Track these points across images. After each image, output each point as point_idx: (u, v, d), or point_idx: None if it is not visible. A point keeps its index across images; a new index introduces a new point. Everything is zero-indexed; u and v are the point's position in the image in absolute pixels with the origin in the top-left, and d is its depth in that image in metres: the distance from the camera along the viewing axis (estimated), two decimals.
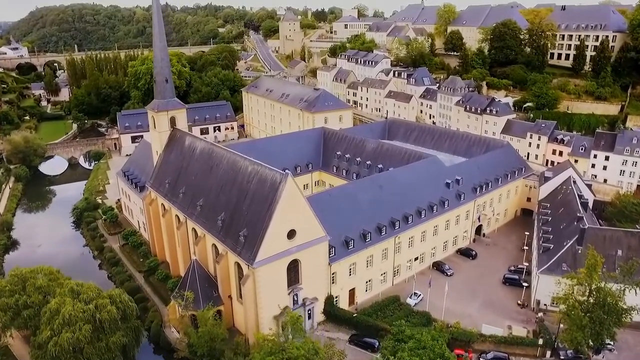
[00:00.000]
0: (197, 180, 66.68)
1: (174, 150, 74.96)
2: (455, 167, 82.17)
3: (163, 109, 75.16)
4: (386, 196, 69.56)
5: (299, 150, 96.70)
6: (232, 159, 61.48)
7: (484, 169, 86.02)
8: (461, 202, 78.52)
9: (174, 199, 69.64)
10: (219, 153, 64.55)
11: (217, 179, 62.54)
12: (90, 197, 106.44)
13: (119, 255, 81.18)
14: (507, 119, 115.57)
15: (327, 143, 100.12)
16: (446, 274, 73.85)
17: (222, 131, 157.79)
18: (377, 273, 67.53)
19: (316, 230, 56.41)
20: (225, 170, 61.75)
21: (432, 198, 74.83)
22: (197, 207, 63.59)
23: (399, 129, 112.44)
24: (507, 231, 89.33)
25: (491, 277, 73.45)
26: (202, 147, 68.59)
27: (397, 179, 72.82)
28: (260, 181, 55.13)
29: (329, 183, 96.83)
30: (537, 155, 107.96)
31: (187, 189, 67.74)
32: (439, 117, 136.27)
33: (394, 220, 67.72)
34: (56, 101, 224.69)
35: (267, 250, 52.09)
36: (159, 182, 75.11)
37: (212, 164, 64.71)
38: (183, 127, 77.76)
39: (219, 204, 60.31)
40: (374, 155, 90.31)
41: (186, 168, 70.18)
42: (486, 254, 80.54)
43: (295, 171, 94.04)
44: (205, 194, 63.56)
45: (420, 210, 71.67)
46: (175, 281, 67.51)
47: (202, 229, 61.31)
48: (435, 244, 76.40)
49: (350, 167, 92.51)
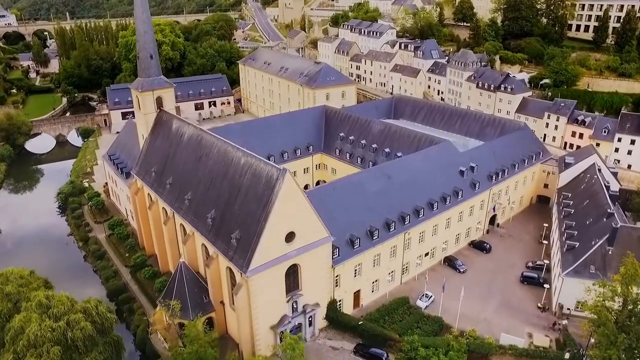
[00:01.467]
0: (185, 170, 59.87)
1: (160, 134, 67.77)
2: (470, 153, 75.12)
3: (148, 88, 67.51)
4: (395, 187, 62.90)
5: (298, 131, 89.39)
6: (223, 148, 54.46)
7: (500, 154, 78.98)
8: (476, 191, 71.87)
9: (160, 190, 63.00)
10: (209, 141, 57.47)
11: (206, 171, 55.72)
12: (76, 181, 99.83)
13: (104, 248, 75.24)
14: (523, 97, 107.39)
15: (329, 123, 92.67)
16: (459, 270, 68.00)
17: (218, 106, 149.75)
18: (385, 272, 61.65)
19: (318, 231, 50.06)
20: (216, 161, 54.85)
21: (445, 188, 68.17)
22: (185, 201, 57.04)
23: (406, 107, 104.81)
24: (522, 220, 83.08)
25: (507, 274, 67.62)
26: (191, 133, 61.44)
27: (407, 168, 65.95)
28: (254, 176, 48.32)
29: (331, 167, 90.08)
30: (554, 137, 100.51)
31: (175, 179, 61.02)
32: (448, 94, 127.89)
33: (404, 214, 61.29)
34: (45, 73, 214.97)
35: (263, 256, 45.86)
36: (144, 170, 68.27)
37: (201, 153, 57.73)
38: (171, 108, 70.29)
39: (209, 199, 53.72)
40: (380, 138, 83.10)
41: (173, 156, 63.24)
42: (501, 247, 74.53)
43: (295, 154, 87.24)
44: (193, 186, 56.87)
45: (432, 202, 65.14)
46: (163, 281, 61.70)
47: (191, 226, 54.94)
48: (447, 237, 70.26)
49: (355, 150, 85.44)
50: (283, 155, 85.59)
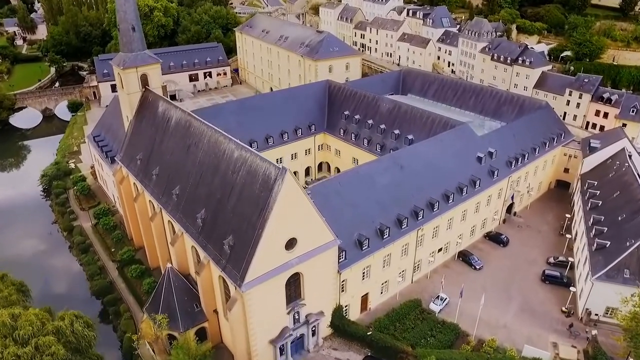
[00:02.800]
0: (172, 160, 53.32)
1: (145, 117, 60.79)
2: (488, 137, 68.24)
3: (131, 65, 60.07)
4: (408, 179, 56.52)
5: (299, 108, 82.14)
6: (214, 138, 47.69)
7: (521, 137, 72.12)
8: (494, 179, 65.48)
9: (146, 181, 56.64)
10: (198, 128, 50.59)
11: (195, 163, 49.16)
12: (61, 161, 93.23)
13: (89, 240, 69.54)
14: (542, 71, 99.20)
15: (333, 100, 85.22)
16: (474, 267, 62.52)
17: (214, 77, 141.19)
18: (395, 272, 56.15)
19: (323, 235, 44.06)
20: (206, 152, 48.20)
21: (461, 177, 61.79)
22: (172, 196, 50.82)
23: (415, 81, 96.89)
24: (540, 208, 77.08)
25: (527, 271, 62.21)
26: (178, 118, 54.49)
27: (420, 156, 59.34)
28: (249, 174, 41.83)
29: (335, 148, 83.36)
30: (575, 116, 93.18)
31: (161, 170, 54.56)
32: (459, 66, 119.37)
33: (417, 209, 55.18)
34: (33, 40, 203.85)
35: (260, 267, 40.03)
36: (129, 157, 61.70)
37: (190, 142, 51.01)
38: (157, 86, 62.95)
39: (198, 196, 47.45)
40: (389, 118, 75.97)
41: (160, 143, 56.52)
42: (519, 240, 68.84)
43: (295, 134, 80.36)
44: (182, 180, 50.48)
45: (448, 194, 58.90)
46: (151, 282, 56.25)
47: (179, 226, 48.90)
48: (462, 230, 64.43)
49: (361, 131, 78.49)
50: (282, 136, 78.77)
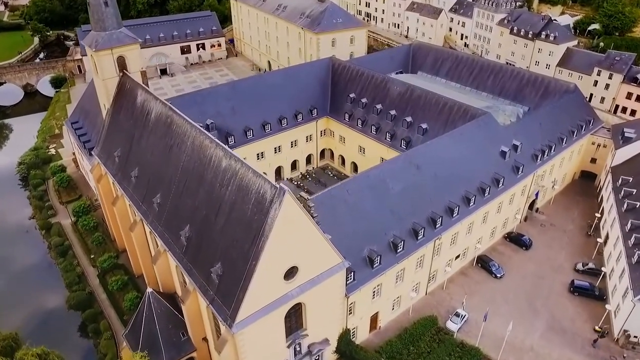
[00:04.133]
0: (152, 161, 45.99)
1: (123, 107, 53.00)
2: (513, 128, 60.56)
3: (105, 45, 51.85)
4: (425, 181, 49.35)
5: (299, 90, 73.91)
6: (199, 141, 40.12)
7: (547, 126, 64.46)
8: (519, 176, 58.33)
9: (124, 183, 49.48)
10: (180, 126, 42.91)
11: (178, 168, 41.84)
12: (41, 147, 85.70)
13: (68, 240, 62.95)
14: (567, 47, 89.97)
15: (337, 81, 76.80)
16: (494, 275, 56.27)
17: (207, 49, 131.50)
18: (408, 287, 49.88)
19: (329, 258, 37.38)
20: (190, 156, 40.78)
21: (483, 175, 54.66)
22: (153, 205, 43.83)
23: (427, 58, 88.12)
24: (564, 203, 70.24)
25: (553, 279, 56.05)
26: (158, 112, 46.67)
27: (439, 153, 51.89)
28: (240, 190, 34.67)
29: (339, 134, 75.70)
30: (603, 98, 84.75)
31: (141, 172, 47.32)
32: (473, 39, 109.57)
33: (435, 215, 48.33)
34: (15, 6, 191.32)
35: (253, 303, 33.53)
36: (106, 152, 54.32)
37: (172, 142, 43.50)
38: (136, 70, 54.82)
39: (182, 209, 40.46)
40: (400, 103, 67.90)
41: (139, 139, 48.99)
42: (542, 241, 62.35)
43: (295, 119, 72.54)
44: (163, 187, 43.33)
45: (469, 196, 51.90)
46: (134, 298, 49.93)
47: (161, 241, 42.10)
48: (481, 233, 57.88)
49: (368, 117, 70.61)
50: (281, 122, 70.95)
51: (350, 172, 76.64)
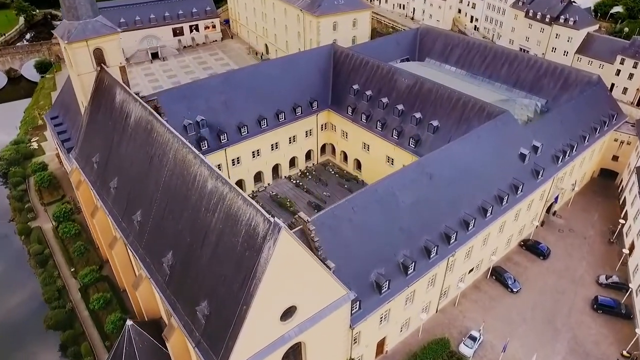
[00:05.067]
0: (132, 172, 40.80)
1: (102, 107, 47.48)
2: (532, 127, 55.09)
3: (79, 37, 46.15)
4: (438, 192, 44.26)
5: (298, 81, 68.04)
6: (182, 155, 34.80)
7: (569, 123, 59.08)
8: (538, 180, 53.27)
9: (103, 194, 44.39)
10: (162, 136, 37.50)
11: (159, 184, 36.69)
12: (23, 140, 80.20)
13: (49, 248, 58.22)
14: (587, 32, 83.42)
15: (339, 70, 70.82)
16: (510, 289, 51.81)
17: (201, 31, 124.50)
18: (418, 308, 45.42)
19: (332, 291, 32.65)
20: (172, 171, 35.56)
21: (501, 182, 49.60)
22: (134, 223, 38.88)
23: (436, 43, 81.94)
24: (583, 204, 65.39)
25: (574, 293, 51.67)
26: (138, 116, 41.16)
27: (454, 160, 46.61)
28: (228, 218, 29.65)
29: (342, 129, 70.20)
30: (626, 89, 78.80)
31: (121, 183, 42.18)
32: (484, 22, 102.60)
33: (449, 231, 43.46)
34: None
35: (245, 350, 28.92)
36: (85, 156, 49.09)
37: (153, 153, 38.20)
38: (116, 64, 49.16)
39: (165, 231, 35.53)
40: (408, 97, 62.14)
41: (118, 144, 43.66)
42: (561, 249, 57.76)
43: (294, 113, 66.92)
44: (144, 203, 38.30)
45: (486, 206, 46.93)
46: (117, 320, 45.32)
47: (142, 266, 37.27)
48: (497, 244, 53.22)
49: (373, 111, 64.96)
50: (278, 117, 65.33)
51: (353, 170, 71.52)
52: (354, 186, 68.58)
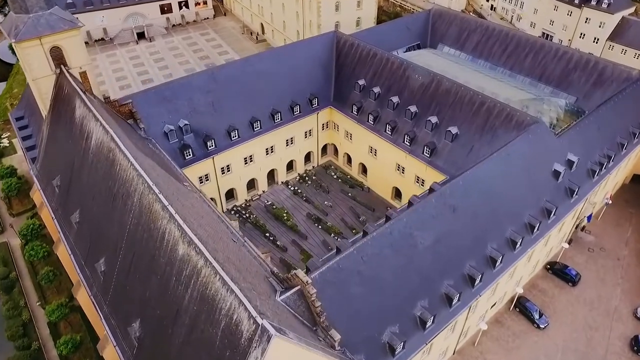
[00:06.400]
0: (95, 208, 33.69)
1: (62, 119, 39.93)
2: (568, 137, 47.60)
3: (29, 34, 38.40)
4: (462, 226, 37.36)
5: (296, 76, 60.03)
6: (148, 202, 27.63)
7: (607, 129, 51.68)
8: (573, 200, 46.32)
9: (65, 227, 37.43)
10: (125, 171, 30.15)
11: (124, 231, 29.66)
12: None
13: (15, 271, 51.53)
14: (622, 16, 74.41)
15: (343, 62, 62.64)
16: (537, 325, 45.68)
17: (191, 7, 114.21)
18: (435, 357, 39.26)
19: None
20: (137, 220, 28.49)
21: (532, 206, 42.64)
22: (97, 272, 32.10)
23: (450, 28, 73.51)
24: (614, 216, 58.68)
25: (609, 329, 45.63)
26: (99, 139, 33.65)
27: (480, 186, 39.46)
28: (203, 301, 22.85)
29: (345, 129, 62.64)
30: None
31: (83, 218, 35.20)
32: (503, 2, 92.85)
33: (473, 272, 36.83)
34: None
35: None
36: (47, 174, 41.94)
37: (115, 190, 31.00)
38: (79, 65, 41.29)
39: (131, 292, 28.83)
40: (423, 97, 54.25)
41: (79, 169, 36.38)
42: (592, 273, 51.43)
43: (292, 113, 59.34)
44: (108, 251, 31.43)
45: (515, 238, 40.13)
46: None
47: (107, 330, 30.65)
48: (523, 273, 46.77)
49: (382, 111, 57.24)
50: (274, 117, 57.69)
51: (358, 174, 64.35)
52: (359, 194, 61.78)
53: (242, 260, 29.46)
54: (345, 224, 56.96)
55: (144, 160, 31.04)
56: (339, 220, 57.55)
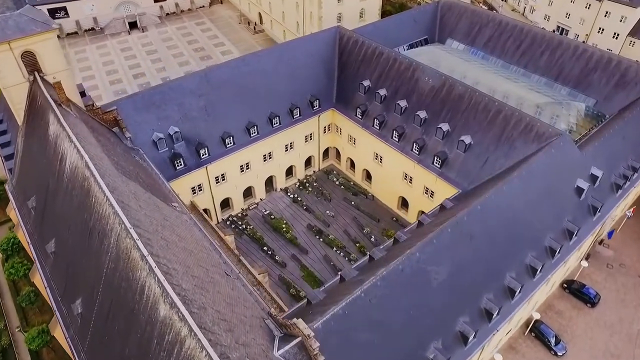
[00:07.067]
0: (71, 240, 30.06)
1: (36, 133, 36.02)
2: (592, 150, 43.76)
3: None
4: (479, 255, 33.86)
5: (296, 76, 55.86)
6: (125, 246, 23.95)
7: (632, 137, 47.88)
8: (596, 218, 42.85)
9: (41, 256, 33.82)
10: (101, 204, 26.37)
11: (101, 274, 26.04)
12: None
13: None
14: None
15: (346, 60, 58.32)
16: (554, 352, 42.58)
17: None
18: None
19: None
20: (115, 265, 24.85)
21: (553, 228, 39.14)
22: (74, 312, 28.64)
23: (459, 22, 68.94)
24: (634, 228, 55.20)
25: (632, 356, 42.52)
26: (73, 164, 29.77)
27: (500, 209, 35.80)
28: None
29: (348, 133, 58.75)
30: None
31: (59, 248, 31.63)
32: None
33: (491, 306, 33.47)
34: None
35: None
36: (22, 192, 38.14)
37: (91, 224, 27.28)
38: (55, 70, 37.22)
39: (109, 344, 25.35)
40: (433, 102, 50.10)
41: (54, 192, 32.61)
42: (612, 293, 48.14)
43: (291, 116, 55.49)
44: (85, 292, 27.92)
45: (535, 265, 36.69)
46: None
47: None
48: (540, 296, 43.52)
49: (388, 116, 53.26)
50: (272, 122, 53.75)
51: (362, 180, 60.67)
52: (363, 202, 58.19)
53: (235, 302, 26.11)
54: (348, 236, 53.51)
55: (123, 191, 27.30)
56: (341, 232, 54.08)
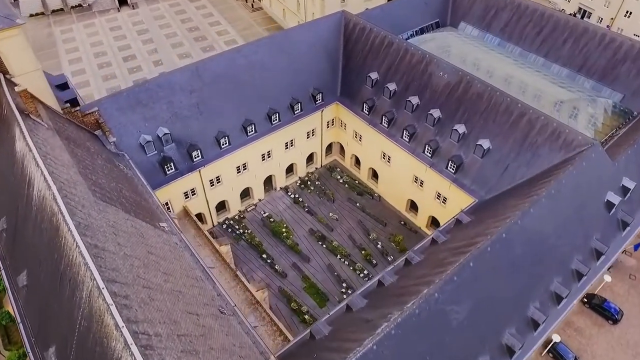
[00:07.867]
0: (42, 278, 26.44)
1: (4, 145, 31.82)
2: (625, 159, 39.68)
3: None
4: (501, 286, 30.38)
5: (296, 67, 51.17)
6: (98, 308, 20.29)
7: None
8: (625, 233, 39.30)
9: (13, 287, 30.26)
10: (71, 251, 22.60)
11: (74, 328, 22.48)
12: None
13: None
14: None
15: (352, 50, 53.43)
16: None
17: None
18: None
19: None
20: (88, 325, 21.20)
21: (580, 248, 35.62)
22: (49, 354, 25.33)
23: (473, 5, 63.93)
24: None
25: None
26: (41, 192, 25.71)
27: (526, 233, 32.01)
28: None
29: (354, 129, 54.53)
30: None
31: (31, 283, 28.01)
32: None
33: (513, 342, 30.23)
34: None
35: None
36: None
37: (62, 269, 23.55)
38: (27, 70, 32.80)
39: None
40: (448, 100, 45.57)
41: (24, 220, 28.74)
42: (635, 308, 44.97)
43: (292, 112, 51.10)
44: (58, 342, 24.46)
45: (561, 292, 33.34)
46: None
47: None
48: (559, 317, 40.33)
49: (398, 113, 48.88)
50: (271, 119, 49.37)
51: (368, 179, 56.82)
52: (369, 203, 54.55)
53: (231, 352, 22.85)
54: (353, 242, 50.06)
55: (99, 226, 23.54)
56: (345, 238, 50.60)
